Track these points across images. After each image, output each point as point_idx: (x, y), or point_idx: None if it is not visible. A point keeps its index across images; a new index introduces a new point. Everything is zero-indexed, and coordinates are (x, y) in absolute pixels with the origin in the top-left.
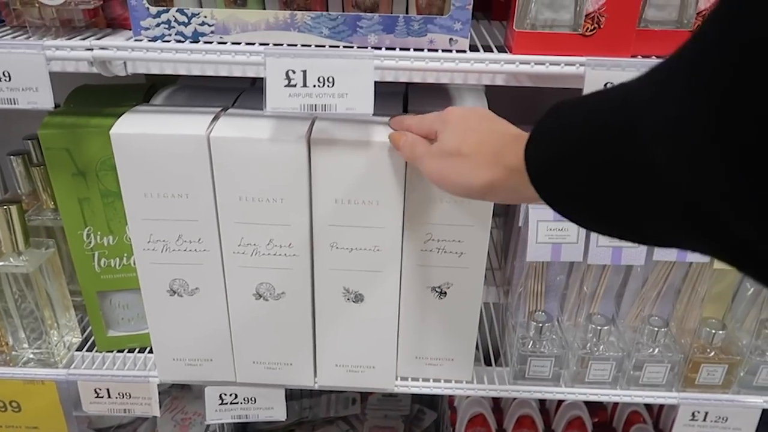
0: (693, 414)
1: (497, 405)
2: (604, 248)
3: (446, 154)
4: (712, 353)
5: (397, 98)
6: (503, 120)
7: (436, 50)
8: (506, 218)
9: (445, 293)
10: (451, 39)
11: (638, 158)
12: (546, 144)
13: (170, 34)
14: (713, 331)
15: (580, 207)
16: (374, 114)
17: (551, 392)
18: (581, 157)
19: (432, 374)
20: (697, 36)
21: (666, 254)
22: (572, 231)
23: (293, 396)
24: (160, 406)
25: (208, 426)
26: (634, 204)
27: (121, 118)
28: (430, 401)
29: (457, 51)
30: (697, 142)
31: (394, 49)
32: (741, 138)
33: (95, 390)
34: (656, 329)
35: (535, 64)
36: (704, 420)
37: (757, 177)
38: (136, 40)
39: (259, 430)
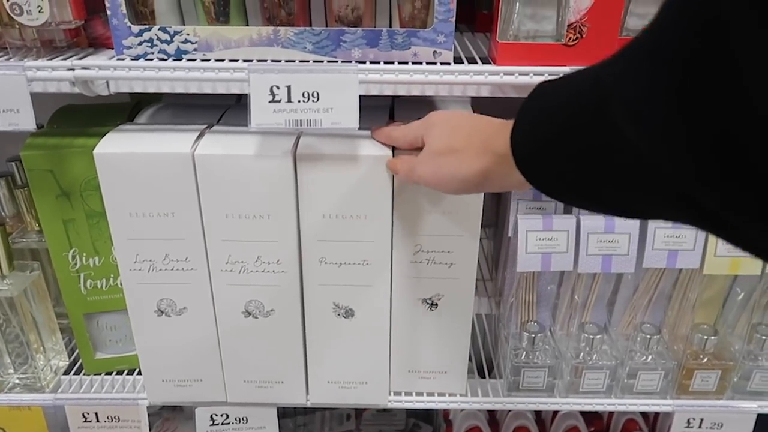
0: (688, 421)
1: (493, 417)
2: (593, 257)
3: (438, 154)
4: (705, 359)
5: (383, 111)
6: (486, 116)
7: (421, 63)
8: (496, 229)
9: (436, 305)
10: (435, 51)
11: (610, 135)
12: (528, 128)
13: (153, 53)
14: (705, 337)
15: (563, 187)
16: (360, 128)
17: (546, 403)
18: (561, 138)
19: (425, 388)
20: (660, 15)
21: (656, 261)
22: (562, 240)
23: (287, 414)
24: (151, 429)
25: None
26: (613, 180)
27: (104, 137)
28: (426, 415)
29: (442, 63)
30: (659, 118)
31: (378, 62)
32: (699, 114)
33: (83, 414)
34: (649, 336)
35: (519, 74)
36: (699, 426)
37: (715, 148)
38: (118, 59)
39: None
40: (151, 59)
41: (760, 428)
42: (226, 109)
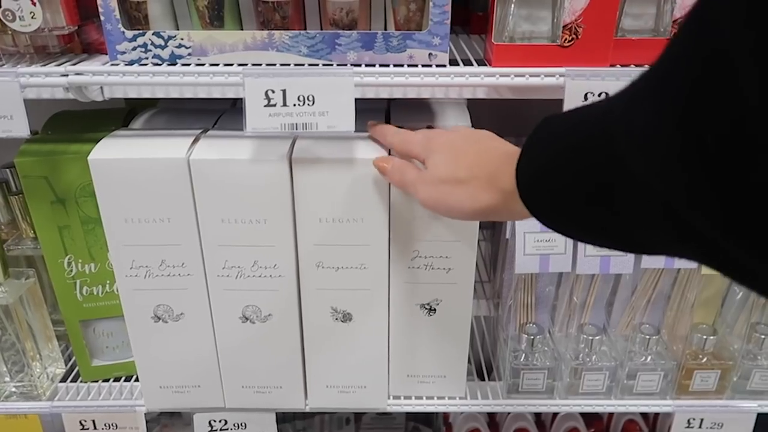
0: (689, 421)
1: (493, 419)
2: (592, 257)
3: (441, 182)
4: (705, 359)
5: (380, 114)
6: (487, 134)
7: (416, 65)
8: (494, 231)
9: (435, 310)
10: (430, 54)
11: (616, 167)
12: (533, 158)
13: (147, 58)
14: (704, 337)
15: (567, 219)
16: (356, 131)
17: (545, 405)
18: (566, 168)
19: (425, 392)
20: (666, 50)
21: (654, 261)
22: (560, 242)
23: (286, 419)
24: None
25: None
26: (618, 212)
27: (99, 143)
28: (426, 418)
29: (437, 65)
30: (664, 151)
31: (373, 65)
32: (700, 145)
33: (80, 422)
34: (648, 337)
35: (515, 76)
36: (700, 427)
37: (717, 182)
38: (112, 65)
39: None
40: (146, 64)
41: (760, 427)
42: (222, 114)
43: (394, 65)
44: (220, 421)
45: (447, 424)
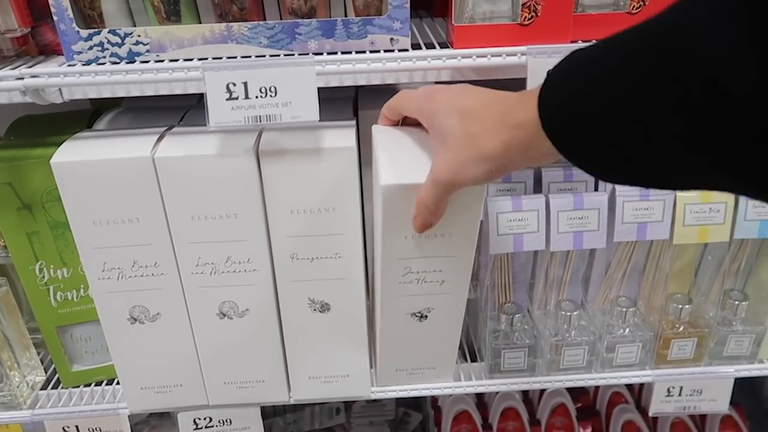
0: (668, 390)
1: (481, 400)
2: (565, 234)
3: (451, 148)
4: (681, 328)
5: (347, 103)
6: (483, 89)
7: (378, 51)
8: None
9: (426, 317)
10: (392, 39)
11: (677, 67)
12: (562, 85)
13: (104, 57)
14: (680, 306)
15: (601, 149)
16: (324, 120)
17: (527, 382)
18: (605, 89)
19: (412, 381)
20: None
21: (626, 234)
22: (532, 220)
23: (276, 412)
24: None
25: None
26: (671, 127)
27: (61, 146)
28: (415, 403)
29: (399, 50)
30: (736, 37)
31: (335, 53)
32: None
33: (63, 428)
34: (625, 310)
35: (477, 57)
36: (680, 395)
37: None
38: (69, 66)
39: None
40: (103, 63)
41: (738, 391)
42: (188, 110)
43: (356, 52)
44: (204, 419)
45: (436, 407)
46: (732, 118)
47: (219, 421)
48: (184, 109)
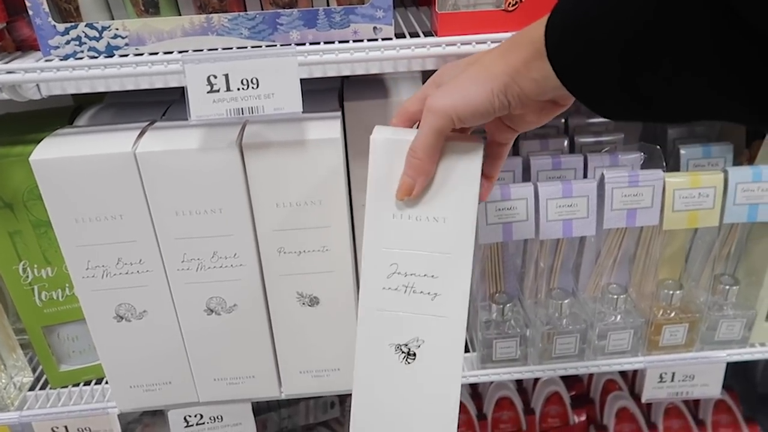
0: (661, 376)
1: (475, 391)
2: (554, 222)
3: (454, 77)
4: (673, 314)
5: (332, 94)
6: None
7: (362, 41)
8: None
9: (414, 355)
10: (375, 28)
11: None
12: (569, 11)
13: (82, 51)
14: (671, 292)
15: (606, 78)
16: (308, 112)
17: (520, 372)
18: (612, 12)
19: None
20: None
21: (616, 221)
22: (521, 209)
23: (270, 407)
24: None
25: None
26: (668, 54)
27: (41, 143)
28: None
29: (383, 39)
30: None
31: (318, 43)
32: None
33: (52, 429)
34: (616, 297)
35: (462, 44)
36: (672, 380)
37: None
38: (46, 61)
39: None
40: (81, 58)
41: (731, 376)
42: (170, 105)
43: (340, 42)
44: (195, 416)
45: None
46: (744, 43)
47: (210, 418)
48: (167, 104)
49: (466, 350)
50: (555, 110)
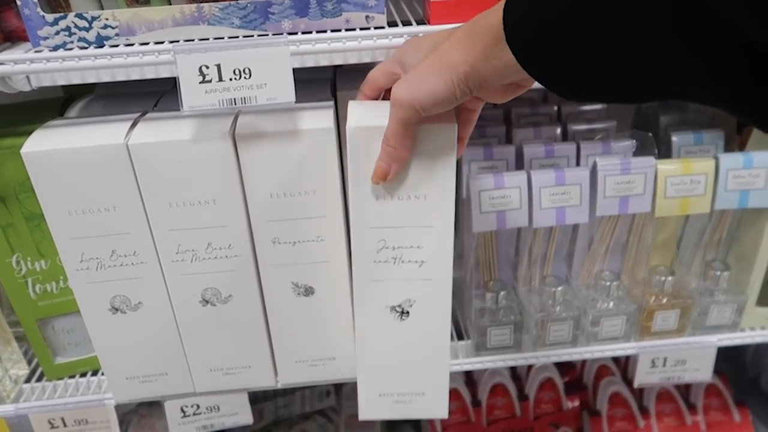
0: (653, 361)
1: (470, 378)
2: (547, 210)
3: (420, 63)
4: (665, 300)
5: (325, 84)
6: None
7: (354, 29)
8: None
9: (407, 313)
10: (367, 16)
11: None
12: None
13: (72, 42)
14: (663, 278)
15: (554, 54)
16: (301, 102)
17: (514, 359)
18: None
19: (401, 412)
20: None
21: (608, 209)
22: (514, 197)
23: (267, 397)
24: (129, 427)
25: None
26: (622, 30)
27: (32, 135)
28: None
29: (375, 28)
30: None
31: (310, 32)
32: None
33: (49, 421)
34: (608, 283)
35: None
36: (664, 365)
37: None
38: (35, 52)
39: None
40: (71, 49)
41: (722, 360)
42: (162, 96)
43: (332, 31)
44: (192, 406)
45: None
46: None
47: (207, 408)
48: (158, 95)
49: (460, 338)
50: (518, 91)
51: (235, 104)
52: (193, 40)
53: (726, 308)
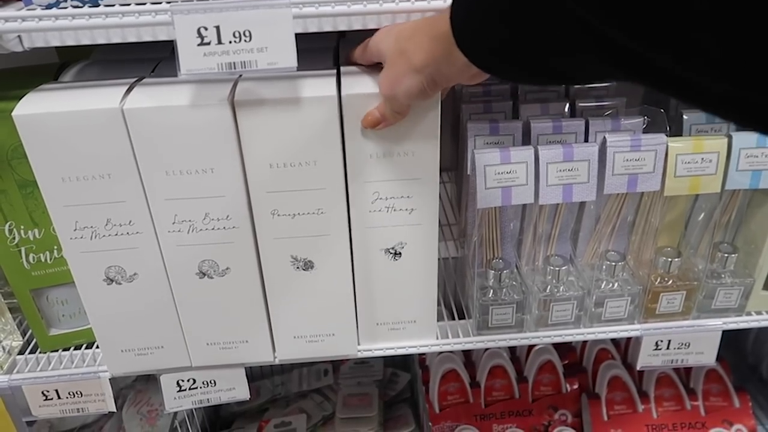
0: (656, 343)
1: (469, 359)
2: (554, 187)
3: (391, 64)
4: (670, 281)
5: (328, 53)
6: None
7: None
8: (457, 171)
9: (400, 254)
10: None
11: None
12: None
13: (66, 0)
14: (669, 260)
15: (502, 57)
16: (304, 70)
17: (516, 339)
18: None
19: (396, 338)
20: None
21: (617, 186)
22: (521, 173)
23: (264, 374)
24: (125, 401)
25: (176, 415)
26: (549, 37)
27: (24, 98)
28: (403, 363)
29: None
30: None
31: None
32: None
33: (43, 393)
34: (614, 264)
35: None
36: (668, 348)
37: None
38: (28, 10)
39: (232, 413)
40: (65, 8)
41: (723, 345)
42: (160, 62)
43: None
44: (188, 381)
45: (423, 367)
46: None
47: (203, 383)
48: (156, 61)
49: (462, 317)
50: (485, 75)
51: (235, 68)
52: (191, 0)
53: (732, 291)
